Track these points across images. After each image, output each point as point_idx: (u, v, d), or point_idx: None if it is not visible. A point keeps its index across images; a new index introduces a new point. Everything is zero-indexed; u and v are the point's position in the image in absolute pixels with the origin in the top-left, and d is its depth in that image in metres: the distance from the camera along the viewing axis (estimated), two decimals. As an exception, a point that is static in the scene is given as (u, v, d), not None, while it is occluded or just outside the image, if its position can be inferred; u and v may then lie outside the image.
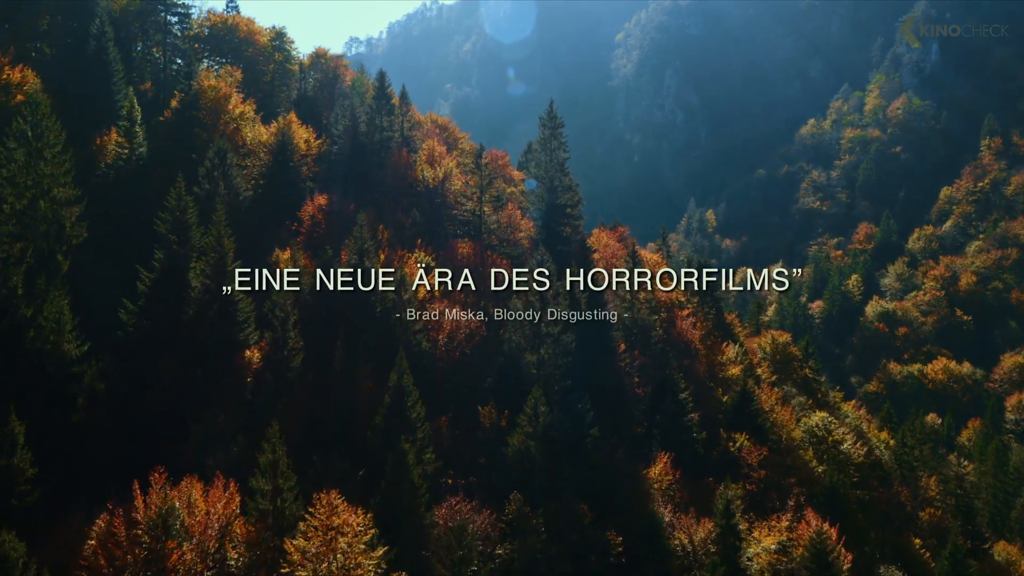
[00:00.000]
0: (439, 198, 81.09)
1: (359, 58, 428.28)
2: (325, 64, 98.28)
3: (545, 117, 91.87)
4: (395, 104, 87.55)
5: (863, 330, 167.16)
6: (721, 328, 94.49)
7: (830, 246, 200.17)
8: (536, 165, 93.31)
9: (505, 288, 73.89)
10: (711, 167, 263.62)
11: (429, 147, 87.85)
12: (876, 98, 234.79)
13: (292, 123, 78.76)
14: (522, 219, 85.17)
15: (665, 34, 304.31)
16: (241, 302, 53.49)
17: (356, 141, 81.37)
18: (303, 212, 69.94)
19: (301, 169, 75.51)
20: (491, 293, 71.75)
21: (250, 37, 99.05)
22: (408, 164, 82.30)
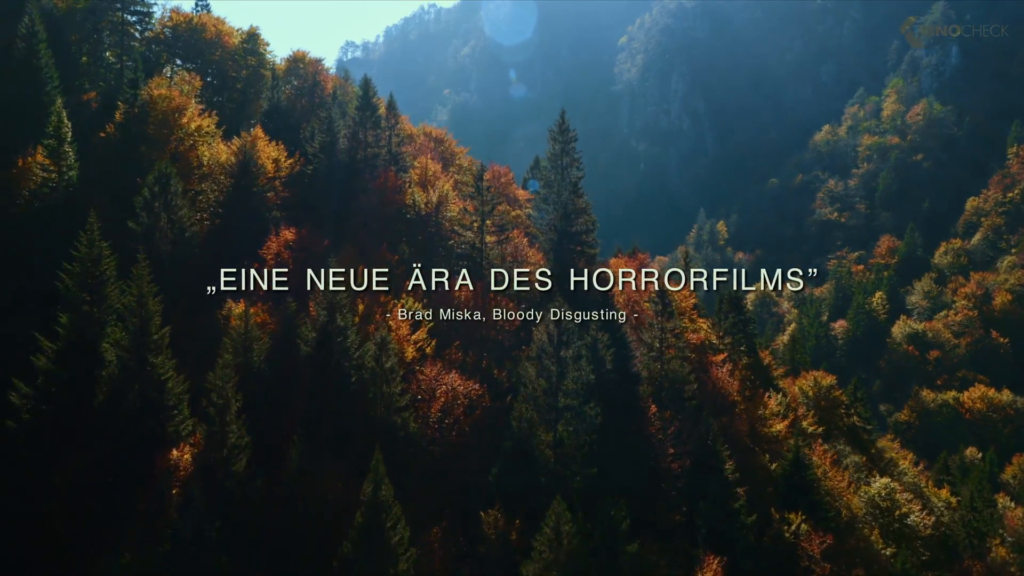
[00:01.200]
0: (432, 227, 68.09)
1: (355, 63, 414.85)
2: (304, 69, 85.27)
3: (555, 130, 78.83)
4: (382, 115, 74.57)
5: (891, 353, 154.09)
6: (757, 370, 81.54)
7: (850, 260, 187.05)
8: (546, 185, 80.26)
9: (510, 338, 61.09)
10: (720, 175, 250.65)
11: (422, 165, 74.89)
12: (894, 103, 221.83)
13: (258, 140, 65.76)
14: (530, 248, 72.19)
15: (671, 37, 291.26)
16: (170, 381, 40.40)
17: (334, 160, 68.34)
18: (266, 249, 56.91)
19: (266, 195, 62.42)
20: (494, 347, 58.80)
21: (219, 39, 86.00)
22: (396, 187, 69.29)
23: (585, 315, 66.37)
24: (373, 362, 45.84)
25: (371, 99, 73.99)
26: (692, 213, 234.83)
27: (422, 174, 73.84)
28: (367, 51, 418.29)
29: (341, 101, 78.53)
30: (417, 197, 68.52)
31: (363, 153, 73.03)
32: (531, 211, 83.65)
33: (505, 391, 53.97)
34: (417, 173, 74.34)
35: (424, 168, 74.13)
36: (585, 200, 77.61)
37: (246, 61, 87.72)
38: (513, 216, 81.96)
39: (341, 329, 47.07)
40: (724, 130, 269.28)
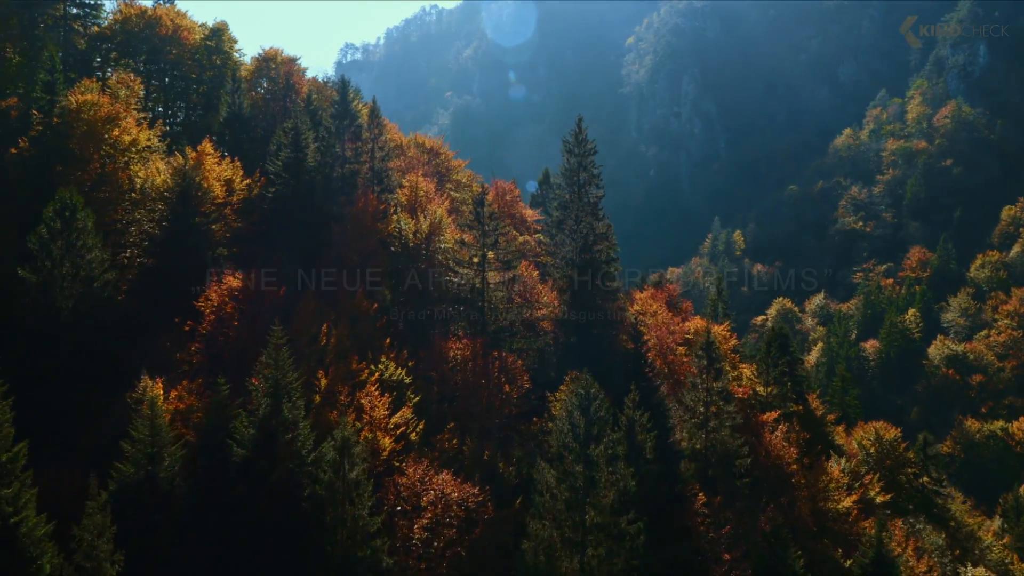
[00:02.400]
0: (423, 261, 54.78)
1: (354, 66, 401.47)
2: (275, 70, 72.01)
3: (571, 140, 65.62)
4: (363, 124, 61.30)
5: (929, 376, 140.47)
6: (809, 422, 68.24)
7: (878, 273, 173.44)
8: (560, 206, 66.93)
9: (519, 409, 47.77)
10: (734, 181, 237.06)
11: (411, 184, 61.59)
12: (919, 105, 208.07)
13: (205, 156, 52.49)
14: (542, 285, 58.88)
15: (680, 37, 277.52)
16: (24, 524, 27.16)
17: (302, 181, 55.02)
18: (203, 301, 43.66)
19: (211, 228, 49.08)
20: (499, 424, 45.56)
21: (176, 35, 72.82)
22: (378, 212, 55.97)
23: (618, 380, 53.28)
24: (332, 472, 32.54)
25: (349, 105, 60.70)
26: (705, 221, 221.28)
27: (411, 195, 60.55)
28: (367, 53, 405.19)
29: (316, 107, 65.48)
30: (404, 225, 55.22)
31: (340, 171, 59.75)
32: (540, 234, 70.31)
33: (514, 490, 40.73)
34: (406, 193, 61.05)
35: (414, 187, 60.85)
36: (606, 223, 64.48)
37: (210, 61, 74.51)
38: (520, 243, 68.65)
39: (288, 424, 33.82)
40: (737, 133, 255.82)
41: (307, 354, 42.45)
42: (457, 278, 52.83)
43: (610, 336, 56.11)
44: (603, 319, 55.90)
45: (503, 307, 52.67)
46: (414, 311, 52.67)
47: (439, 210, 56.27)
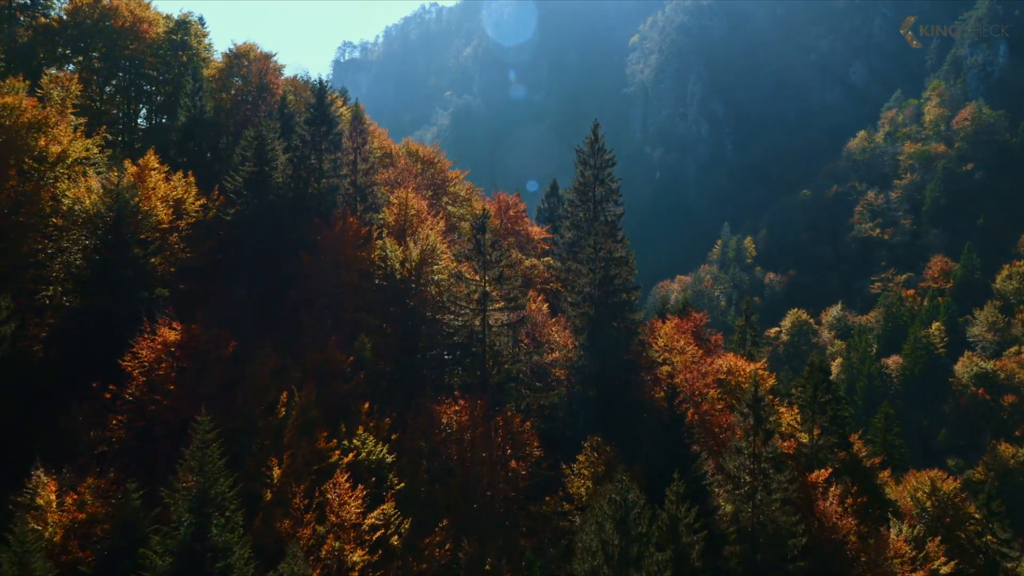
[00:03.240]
0: (413, 297, 45.44)
1: (352, 65, 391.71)
2: (248, 67, 62.57)
3: (586, 150, 56.46)
4: (343, 132, 51.98)
5: (957, 396, 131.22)
6: (854, 470, 59.00)
7: (897, 284, 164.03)
8: (572, 225, 57.63)
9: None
10: (742, 184, 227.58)
11: (401, 203, 52.19)
12: (936, 107, 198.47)
13: (149, 172, 43.09)
14: (552, 322, 49.56)
15: (686, 35, 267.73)
16: None
17: (267, 200, 45.65)
18: (129, 361, 34.26)
19: (151, 262, 39.58)
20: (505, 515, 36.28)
21: (136, 28, 63.38)
22: (360, 236, 46.60)
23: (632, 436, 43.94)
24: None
25: (327, 109, 51.28)
26: (712, 226, 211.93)
27: (400, 215, 51.17)
28: (365, 52, 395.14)
29: (292, 111, 56.15)
30: (390, 252, 45.84)
31: (315, 186, 50.40)
32: (550, 258, 60.90)
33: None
34: (394, 213, 51.68)
35: (404, 206, 51.45)
36: (625, 244, 55.21)
37: (175, 57, 65.08)
38: (527, 267, 59.29)
39: (219, 549, 24.50)
40: (744, 135, 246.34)
41: (261, 429, 33.15)
42: (453, 317, 43.52)
43: (636, 385, 46.78)
44: (627, 365, 46.51)
45: (508, 354, 43.36)
46: (401, 358, 43.33)
47: (432, 235, 46.87)
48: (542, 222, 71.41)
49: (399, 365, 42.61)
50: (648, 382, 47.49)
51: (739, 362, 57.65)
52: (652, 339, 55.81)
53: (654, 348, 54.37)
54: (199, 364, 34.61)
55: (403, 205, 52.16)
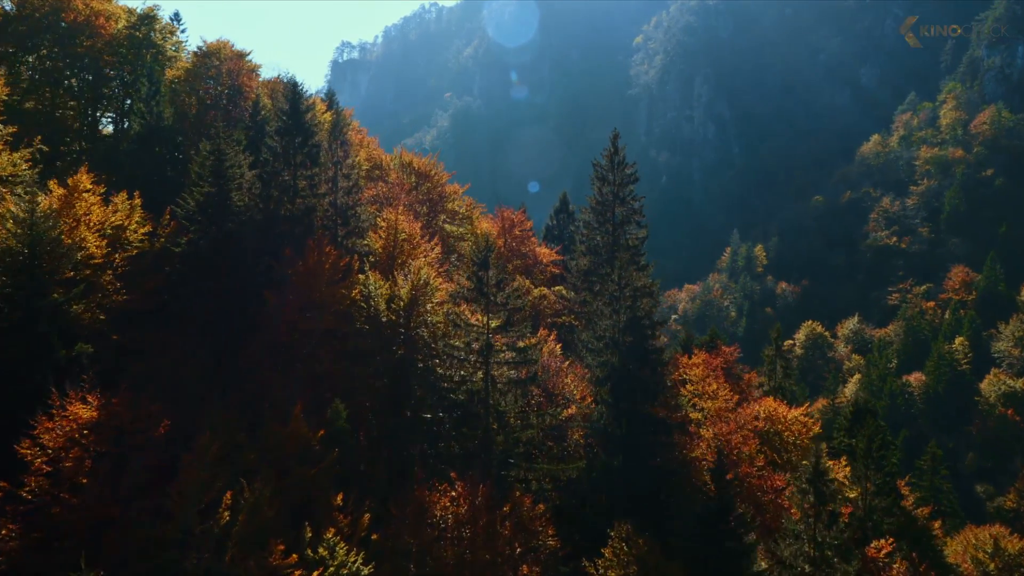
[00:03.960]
0: (400, 344, 37.51)
1: (351, 65, 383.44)
2: (218, 67, 54.61)
3: (604, 164, 48.68)
4: (321, 143, 44.04)
5: (983, 416, 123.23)
6: (904, 523, 51.23)
7: (916, 295, 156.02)
8: (588, 249, 49.72)
9: None
10: (750, 189, 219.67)
11: (389, 226, 44.24)
12: (953, 110, 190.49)
13: (80, 195, 35.15)
14: (566, 369, 41.60)
15: (692, 36, 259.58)
16: None
17: (224, 228, 37.65)
18: (28, 450, 26.28)
19: (72, 309, 31.61)
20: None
21: (91, 22, 55.44)
22: (337, 269, 38.62)
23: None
24: None
25: (302, 117, 43.29)
26: (720, 232, 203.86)
27: (388, 241, 43.21)
28: (364, 52, 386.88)
29: (266, 118, 48.30)
30: (374, 289, 37.88)
31: (288, 208, 42.42)
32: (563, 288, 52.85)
33: None
34: (381, 238, 43.74)
35: (392, 230, 43.49)
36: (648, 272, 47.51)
37: (139, 56, 57.10)
38: (536, 298, 51.34)
39: None
40: (752, 139, 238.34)
41: (198, 538, 25.23)
42: (450, 371, 35.59)
43: (667, 447, 38.82)
44: (658, 424, 38.54)
45: (516, 416, 35.41)
46: (387, 421, 35.39)
47: (425, 268, 38.89)
48: (551, 241, 63.45)
49: (383, 430, 34.70)
50: (684, 444, 39.56)
51: (780, 408, 49.76)
52: (677, 374, 48.06)
53: (682, 393, 46.57)
54: (123, 449, 26.71)
55: (392, 229, 44.21)
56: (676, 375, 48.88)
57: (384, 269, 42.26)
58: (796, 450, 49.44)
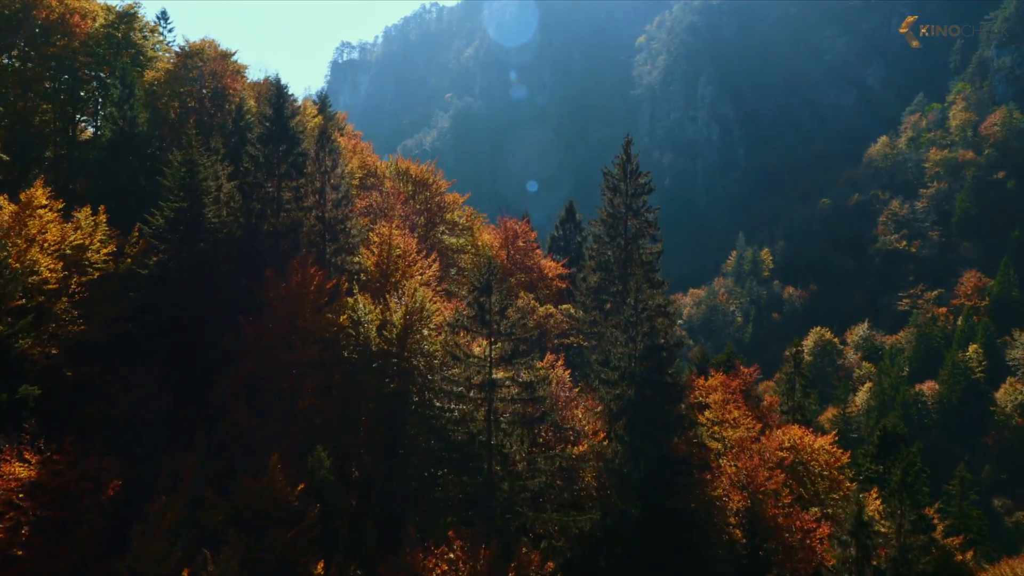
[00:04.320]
0: (391, 376, 33.64)
1: (351, 65, 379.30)
2: (201, 68, 50.71)
3: (616, 173, 44.98)
4: (307, 151, 40.14)
5: (1000, 428, 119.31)
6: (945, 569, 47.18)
7: (928, 301, 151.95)
8: (599, 265, 45.82)
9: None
10: (755, 191, 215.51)
11: (382, 241, 40.39)
12: (962, 111, 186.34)
13: (32, 211, 31.28)
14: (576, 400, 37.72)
15: (696, 36, 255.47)
16: None
17: (196, 248, 33.76)
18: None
19: (19, 343, 27.76)
20: None
21: (65, 19, 51.60)
22: (323, 291, 34.76)
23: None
24: None
25: (287, 123, 39.43)
26: (725, 235, 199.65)
27: (381, 258, 39.37)
28: (364, 52, 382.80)
29: (249, 123, 44.44)
30: (364, 315, 34.02)
31: (271, 223, 38.57)
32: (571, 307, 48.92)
33: None
34: (373, 254, 39.89)
35: (384, 246, 39.64)
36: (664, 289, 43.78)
37: (118, 57, 53.24)
38: (541, 316, 47.44)
39: None
40: (756, 140, 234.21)
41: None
42: (448, 409, 31.72)
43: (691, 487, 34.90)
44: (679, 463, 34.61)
45: (522, 460, 31.50)
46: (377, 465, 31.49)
47: (420, 290, 35.02)
48: (556, 253, 59.57)
49: (373, 475, 30.84)
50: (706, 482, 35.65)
51: (806, 436, 45.86)
52: (690, 393, 44.16)
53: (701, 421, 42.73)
54: (67, 514, 22.83)
55: (386, 244, 40.33)
56: (692, 397, 45.17)
57: (377, 290, 38.42)
58: (823, 481, 45.66)
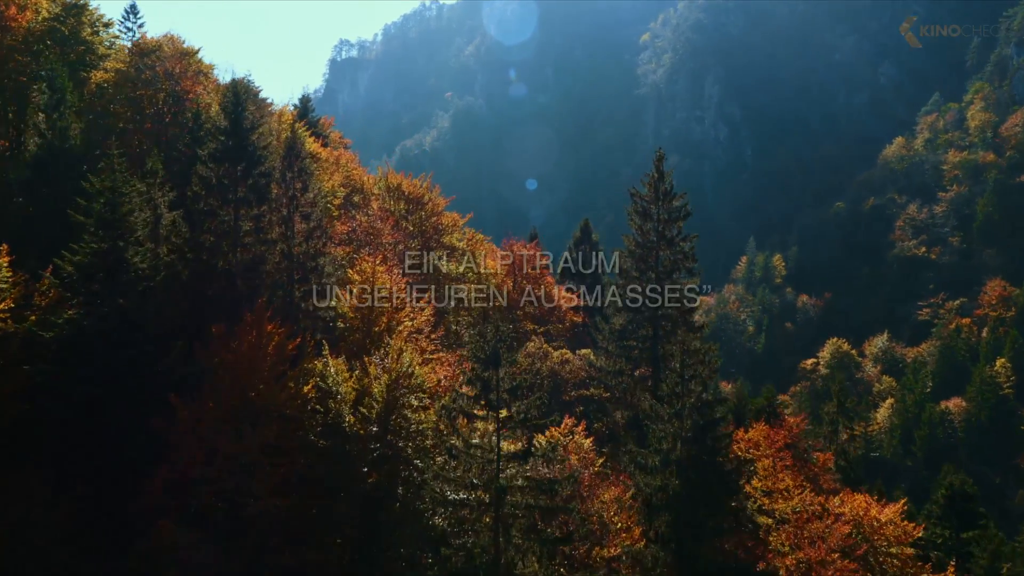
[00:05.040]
0: (371, 466, 25.99)
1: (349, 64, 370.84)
2: (156, 67, 42.98)
3: (646, 194, 38.78)
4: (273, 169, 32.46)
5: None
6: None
7: (950, 311, 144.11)
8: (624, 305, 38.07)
9: None
10: (765, 194, 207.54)
11: (364, 279, 32.66)
12: (981, 111, 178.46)
13: None
14: (598, 468, 30.08)
15: (702, 34, 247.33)
16: None
17: (115, 305, 26.04)
18: None
19: None
20: None
21: (2, 12, 43.85)
22: (284, 352, 27.11)
23: None
24: None
25: (247, 136, 31.69)
26: (735, 240, 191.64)
27: (362, 301, 31.69)
28: (363, 50, 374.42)
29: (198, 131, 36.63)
30: (335, 384, 26.35)
31: (226, 260, 30.89)
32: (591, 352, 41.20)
33: None
34: (353, 296, 32.24)
35: (367, 284, 31.96)
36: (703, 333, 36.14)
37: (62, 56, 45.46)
38: (556, 363, 39.74)
39: None
40: (765, 141, 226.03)
41: None
42: (444, 521, 24.04)
43: None
44: (737, 572, 27.03)
45: None
46: None
47: (407, 352, 27.34)
48: (570, 281, 51.79)
49: None
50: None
51: (872, 509, 38.20)
52: (733, 451, 36.45)
53: (747, 491, 35.06)
54: None
55: (369, 282, 32.63)
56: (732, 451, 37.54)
57: (356, 344, 30.77)
58: (890, 560, 38.11)
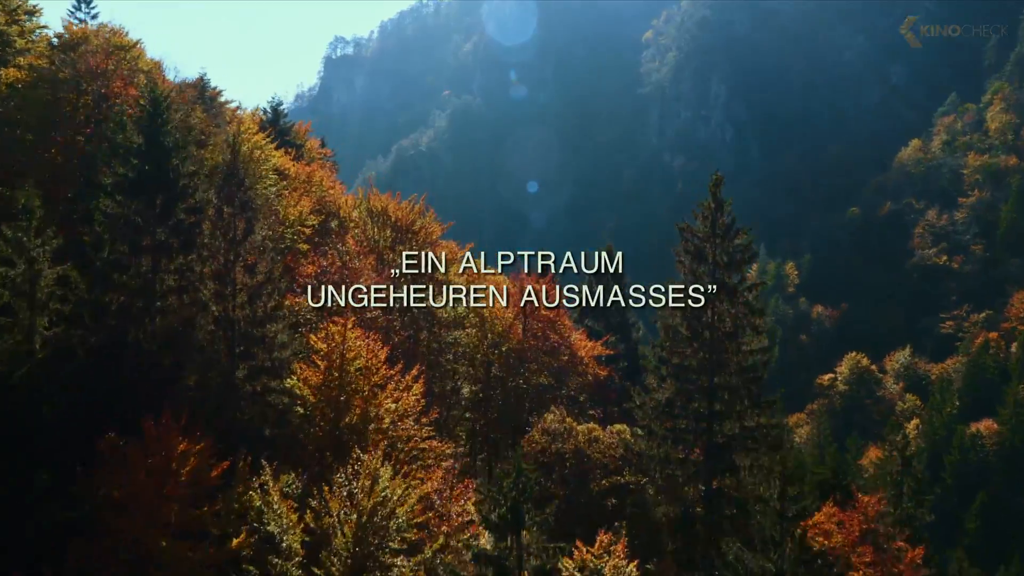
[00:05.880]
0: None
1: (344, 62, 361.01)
2: (78, 64, 34.23)
3: (700, 229, 28.80)
4: (207, 202, 23.78)
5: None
6: None
7: (975, 323, 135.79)
8: (674, 372, 29.34)
9: None
10: (773, 198, 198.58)
11: (331, 350, 23.88)
12: (1001, 112, 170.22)
13: None
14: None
15: (707, 31, 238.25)
16: None
17: None
18: None
19: None
20: None
21: None
22: (205, 470, 18.45)
23: None
24: None
25: (168, 156, 22.88)
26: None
27: (328, 392, 23.00)
28: (359, 48, 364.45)
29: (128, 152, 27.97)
30: (279, 530, 17.71)
31: (135, 333, 22.07)
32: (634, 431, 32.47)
33: None
34: (315, 379, 23.54)
35: (338, 359, 23.29)
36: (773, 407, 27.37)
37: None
38: (583, 439, 31.03)
39: None
40: (773, 141, 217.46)
41: None
42: None
43: None
44: None
45: None
46: None
47: (385, 477, 18.65)
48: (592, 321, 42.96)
49: None
50: None
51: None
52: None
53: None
54: None
55: (338, 354, 23.84)
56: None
57: (317, 444, 21.99)
58: None
